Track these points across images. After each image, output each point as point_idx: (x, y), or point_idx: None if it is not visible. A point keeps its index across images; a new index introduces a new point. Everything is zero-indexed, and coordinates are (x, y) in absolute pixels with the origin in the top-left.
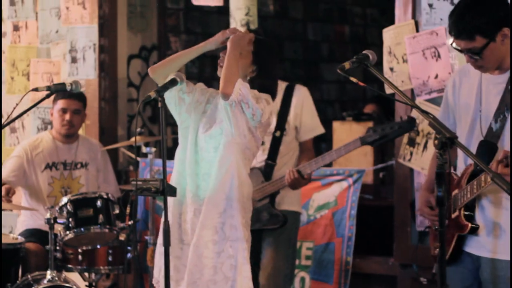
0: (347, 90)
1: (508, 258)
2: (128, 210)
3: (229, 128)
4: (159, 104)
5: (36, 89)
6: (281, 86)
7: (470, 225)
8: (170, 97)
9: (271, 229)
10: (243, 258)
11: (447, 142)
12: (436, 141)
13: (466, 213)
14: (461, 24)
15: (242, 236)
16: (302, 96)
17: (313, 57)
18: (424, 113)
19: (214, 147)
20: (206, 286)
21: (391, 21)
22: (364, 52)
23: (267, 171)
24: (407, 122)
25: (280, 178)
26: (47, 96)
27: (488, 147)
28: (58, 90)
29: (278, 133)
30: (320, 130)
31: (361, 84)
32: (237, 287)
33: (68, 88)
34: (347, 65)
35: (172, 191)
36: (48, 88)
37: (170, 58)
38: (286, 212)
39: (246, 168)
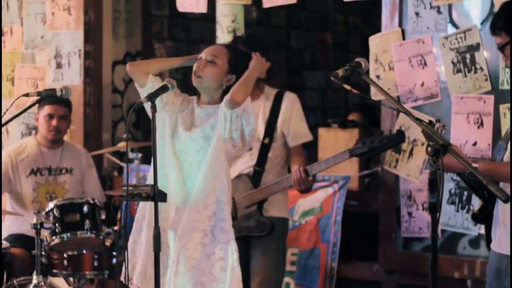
0: (329, 97)
1: (497, 250)
2: (119, 215)
3: (223, 134)
4: (150, 111)
5: (27, 95)
6: (271, 93)
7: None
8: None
9: (259, 236)
10: (234, 260)
11: (440, 149)
12: (429, 148)
13: None
14: (494, 19)
15: (232, 239)
16: (291, 103)
17: (295, 64)
18: (417, 120)
19: (195, 150)
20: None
21: (373, 29)
22: (356, 59)
23: (255, 177)
24: (396, 135)
25: (270, 186)
26: (38, 101)
27: None
28: (48, 96)
29: (267, 140)
30: (309, 137)
31: (354, 91)
32: None
33: (59, 93)
34: (340, 72)
35: (163, 197)
36: (39, 93)
37: (154, 60)
38: (274, 218)
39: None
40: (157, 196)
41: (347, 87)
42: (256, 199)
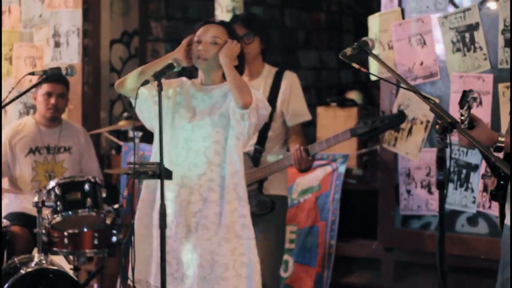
0: (323, 76)
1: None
2: (125, 193)
3: (244, 132)
4: (156, 90)
5: (32, 73)
6: (271, 71)
7: None
8: (143, 98)
9: (259, 214)
10: (255, 255)
11: (448, 127)
12: (437, 126)
13: None
14: None
15: (252, 235)
16: (290, 82)
17: (290, 43)
18: (425, 98)
19: (202, 137)
20: (216, 282)
21: (366, 8)
22: (363, 38)
23: (255, 156)
24: (397, 116)
25: (270, 165)
26: (44, 80)
27: None
28: (54, 74)
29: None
30: (308, 116)
31: (363, 69)
32: (254, 284)
33: (64, 72)
34: (348, 51)
35: (168, 175)
36: (45, 72)
37: (138, 70)
38: (274, 196)
39: None
40: (163, 173)
41: (356, 65)
42: (256, 178)
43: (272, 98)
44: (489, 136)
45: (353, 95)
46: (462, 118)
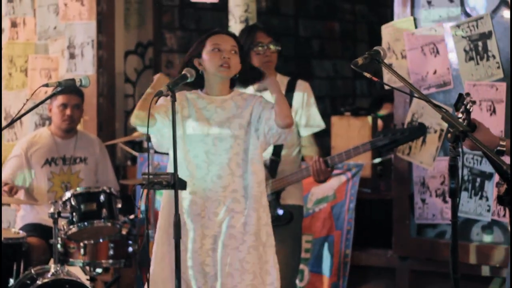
0: (337, 86)
1: None
2: (140, 203)
3: (270, 143)
4: (170, 99)
5: (46, 85)
6: (283, 81)
7: None
8: (160, 121)
9: (276, 225)
10: (276, 263)
11: (460, 135)
12: (449, 135)
13: None
14: None
15: (273, 242)
16: (303, 91)
17: (304, 53)
18: (437, 107)
19: (225, 149)
20: None
21: (380, 17)
22: (375, 48)
23: (272, 167)
24: (418, 128)
25: (288, 176)
26: (58, 91)
27: None
28: (68, 85)
29: None
30: (322, 125)
31: (375, 79)
32: None
33: (78, 83)
34: (360, 60)
35: (183, 185)
36: (59, 83)
37: (136, 111)
38: (290, 206)
39: None
40: (177, 184)
41: (367, 75)
42: (274, 189)
43: None
44: (489, 140)
45: (389, 107)
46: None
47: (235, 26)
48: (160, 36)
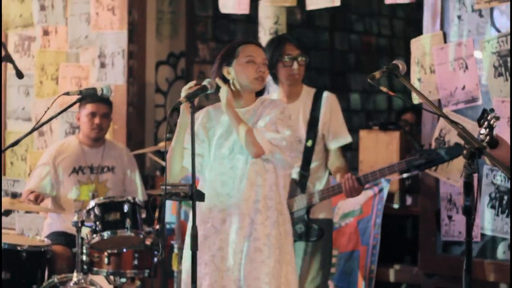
0: (373, 100)
1: None
2: (156, 214)
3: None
4: (190, 110)
5: (67, 93)
6: (309, 93)
7: None
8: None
9: (307, 240)
10: (295, 276)
11: (476, 152)
12: (465, 151)
13: None
14: None
15: (293, 250)
16: (330, 104)
17: (339, 66)
18: (453, 123)
19: (244, 161)
20: None
21: (418, 33)
22: (394, 62)
23: (302, 181)
24: (455, 148)
25: (319, 191)
26: (79, 100)
27: None
28: (89, 94)
29: (309, 143)
30: (348, 139)
31: (391, 93)
32: None
33: (99, 92)
34: (377, 74)
35: (201, 196)
36: (80, 92)
37: (173, 155)
38: (321, 221)
39: None
40: (195, 195)
41: (384, 89)
42: (305, 204)
43: (314, 121)
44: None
45: (409, 116)
46: (481, 136)
47: (265, 38)
48: (193, 46)
